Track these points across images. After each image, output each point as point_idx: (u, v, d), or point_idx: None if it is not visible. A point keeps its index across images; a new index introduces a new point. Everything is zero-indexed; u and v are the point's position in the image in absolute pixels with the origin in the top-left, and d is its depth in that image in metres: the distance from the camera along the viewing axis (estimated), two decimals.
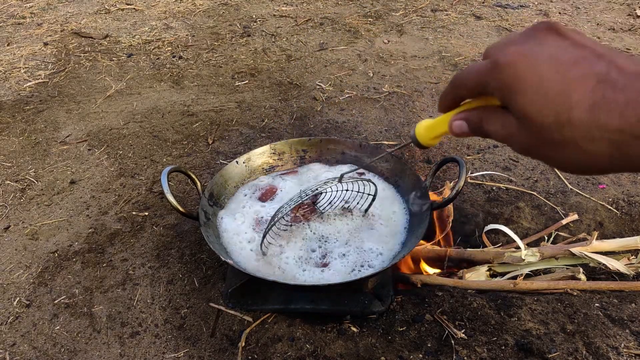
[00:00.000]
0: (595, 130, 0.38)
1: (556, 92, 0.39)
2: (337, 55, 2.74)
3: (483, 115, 0.47)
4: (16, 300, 1.41)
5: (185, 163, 1.93)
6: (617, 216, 1.60)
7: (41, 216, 1.71)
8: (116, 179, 1.86)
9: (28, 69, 2.75)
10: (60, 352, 1.27)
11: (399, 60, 2.66)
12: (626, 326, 1.19)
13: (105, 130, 2.17)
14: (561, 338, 1.16)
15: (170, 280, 1.43)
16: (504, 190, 1.71)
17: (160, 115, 2.26)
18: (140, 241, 1.57)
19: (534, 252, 1.37)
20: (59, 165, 1.97)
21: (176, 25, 3.23)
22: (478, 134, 0.49)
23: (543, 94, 0.40)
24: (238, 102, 2.34)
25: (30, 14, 3.46)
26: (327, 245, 1.28)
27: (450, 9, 3.28)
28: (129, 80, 2.59)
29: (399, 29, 3.03)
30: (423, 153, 1.92)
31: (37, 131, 2.19)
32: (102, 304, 1.38)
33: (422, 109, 2.21)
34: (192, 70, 2.66)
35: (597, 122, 0.38)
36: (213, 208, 1.38)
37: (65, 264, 1.52)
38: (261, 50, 2.84)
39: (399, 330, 1.21)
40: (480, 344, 1.16)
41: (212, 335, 1.27)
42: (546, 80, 0.40)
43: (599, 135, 0.38)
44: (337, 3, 3.45)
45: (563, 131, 0.40)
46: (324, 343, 1.18)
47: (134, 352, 1.25)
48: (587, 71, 0.39)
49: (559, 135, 0.40)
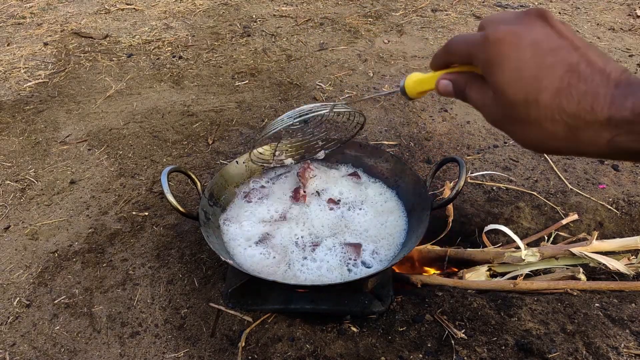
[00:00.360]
0: (556, 112, 0.43)
1: (530, 75, 0.43)
2: (337, 55, 2.74)
3: (468, 81, 0.52)
4: (16, 300, 1.41)
5: (185, 163, 1.93)
6: (617, 216, 1.60)
7: (41, 216, 1.71)
8: (116, 179, 1.86)
9: (28, 69, 2.74)
10: (60, 352, 1.27)
11: (399, 60, 2.66)
12: (626, 326, 1.19)
13: (105, 130, 2.17)
14: (561, 338, 1.16)
15: (170, 280, 1.43)
16: (504, 190, 1.71)
17: (160, 116, 2.26)
18: (140, 241, 1.57)
19: (534, 252, 1.37)
20: (59, 165, 1.97)
21: (176, 25, 3.23)
22: (459, 96, 0.54)
23: (518, 75, 0.44)
24: (238, 102, 2.34)
25: (30, 14, 3.46)
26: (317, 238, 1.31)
27: (450, 9, 3.28)
28: (129, 81, 2.59)
29: (399, 29, 3.03)
30: (423, 153, 1.92)
31: (37, 131, 2.19)
32: (102, 304, 1.38)
33: (422, 108, 2.21)
34: (192, 70, 2.67)
35: (559, 105, 0.42)
36: (213, 208, 1.38)
37: (65, 264, 1.52)
38: (261, 50, 2.84)
39: (399, 330, 1.21)
40: (480, 344, 1.16)
41: (212, 335, 1.27)
42: (524, 63, 0.44)
43: (559, 118, 0.43)
44: (337, 3, 3.45)
45: (529, 110, 0.44)
46: (324, 343, 1.18)
47: (134, 352, 1.25)
48: (561, 60, 0.43)
49: (525, 113, 0.45)
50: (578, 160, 1.84)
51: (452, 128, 2.07)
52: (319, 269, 1.23)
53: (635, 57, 2.60)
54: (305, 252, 1.27)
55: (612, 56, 2.62)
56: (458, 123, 2.10)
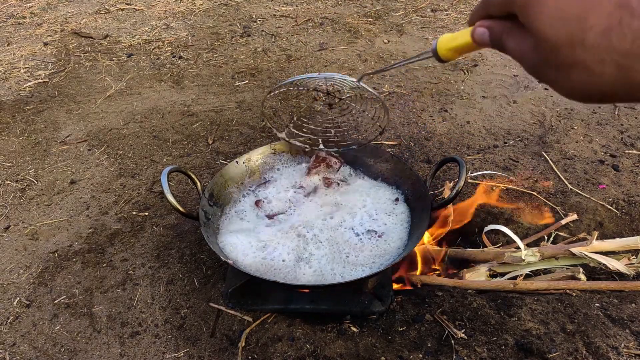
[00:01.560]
0: (605, 52, 0.40)
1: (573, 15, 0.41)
2: (337, 55, 2.74)
3: (504, 28, 0.49)
4: (16, 300, 1.41)
5: (185, 163, 1.93)
6: (617, 216, 1.60)
7: (41, 216, 1.71)
8: (116, 179, 1.86)
9: (28, 69, 2.75)
10: (60, 352, 1.27)
11: (399, 60, 2.66)
12: (626, 326, 1.19)
13: (105, 130, 2.17)
14: (561, 338, 1.16)
15: (170, 280, 1.43)
16: (504, 190, 1.71)
17: (160, 115, 2.26)
18: (140, 241, 1.57)
19: (534, 252, 1.37)
20: (59, 165, 1.97)
21: (176, 25, 3.23)
22: (496, 46, 0.51)
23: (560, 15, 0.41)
24: (238, 102, 2.34)
25: (30, 14, 3.46)
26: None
27: (450, 8, 3.28)
28: (129, 80, 2.59)
29: (399, 29, 3.03)
30: (423, 153, 1.92)
31: (37, 131, 2.19)
32: (102, 304, 1.38)
33: (422, 108, 2.21)
34: (192, 70, 2.67)
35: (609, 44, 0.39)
36: (213, 208, 1.38)
37: (65, 264, 1.52)
38: (261, 50, 2.84)
39: (399, 330, 1.21)
40: (480, 343, 1.16)
41: (212, 335, 1.27)
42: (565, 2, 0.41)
43: (609, 58, 0.40)
44: (337, 3, 3.45)
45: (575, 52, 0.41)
46: (324, 343, 1.18)
47: (134, 352, 1.25)
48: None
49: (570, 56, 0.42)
50: (578, 160, 1.84)
51: (452, 128, 2.07)
52: (319, 268, 1.23)
53: None
54: (305, 252, 1.27)
55: None
56: (458, 123, 2.10)
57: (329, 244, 1.29)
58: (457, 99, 2.27)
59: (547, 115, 2.13)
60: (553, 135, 1.99)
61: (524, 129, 2.05)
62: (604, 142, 1.94)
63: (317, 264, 1.24)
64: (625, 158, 1.85)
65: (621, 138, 1.97)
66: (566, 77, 0.44)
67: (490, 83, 2.40)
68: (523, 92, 2.32)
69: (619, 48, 0.39)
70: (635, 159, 1.85)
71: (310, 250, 1.27)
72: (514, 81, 2.40)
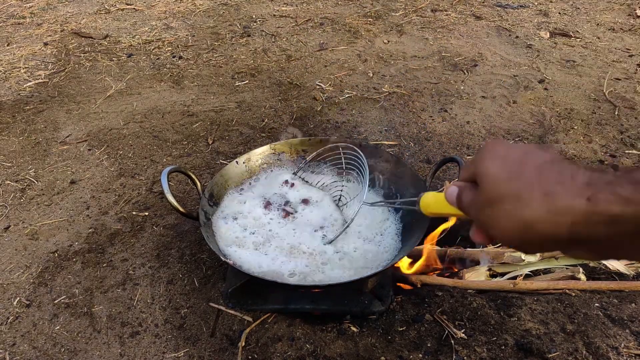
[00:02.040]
0: (536, 184, 0.47)
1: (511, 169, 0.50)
2: (337, 55, 2.74)
3: (467, 187, 0.57)
4: (16, 300, 1.41)
5: (185, 163, 1.93)
6: None
7: (41, 216, 1.71)
8: (116, 179, 1.86)
9: (28, 69, 2.75)
10: (60, 352, 1.27)
11: (399, 60, 2.66)
12: (626, 326, 1.19)
13: (105, 130, 2.17)
14: (561, 338, 1.16)
15: (170, 280, 1.43)
16: None
17: (160, 116, 2.26)
18: (140, 241, 1.57)
19: None
20: (59, 165, 1.97)
21: (176, 25, 3.23)
22: (458, 204, 0.59)
23: (502, 167, 0.51)
24: (238, 102, 2.34)
25: (30, 14, 3.46)
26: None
27: (450, 9, 3.28)
28: (129, 81, 2.59)
29: (399, 29, 3.03)
30: (423, 153, 1.92)
31: (37, 131, 2.19)
32: (102, 304, 1.38)
33: (422, 108, 2.21)
34: (192, 70, 2.67)
35: (539, 179, 0.48)
36: (213, 208, 1.38)
37: (65, 264, 1.52)
38: (261, 50, 2.84)
39: (399, 330, 1.21)
40: (480, 343, 1.16)
41: (212, 335, 1.27)
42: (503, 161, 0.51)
43: (537, 192, 0.47)
44: (337, 3, 3.46)
45: (510, 185, 0.49)
46: (324, 343, 1.19)
47: (134, 352, 1.25)
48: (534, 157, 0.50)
49: (506, 189, 0.50)
50: (578, 160, 1.84)
51: (452, 128, 2.07)
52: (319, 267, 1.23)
53: (635, 57, 2.61)
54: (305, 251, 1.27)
55: (612, 56, 2.62)
56: (458, 123, 2.10)
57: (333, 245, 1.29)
58: (457, 99, 2.28)
59: (547, 115, 2.13)
60: (553, 135, 1.99)
61: (524, 129, 2.05)
62: (604, 142, 1.95)
63: (316, 262, 1.24)
64: (625, 158, 1.85)
65: (621, 138, 1.97)
66: (502, 212, 0.50)
67: (490, 83, 2.40)
68: (523, 92, 2.32)
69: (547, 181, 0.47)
70: (635, 159, 1.85)
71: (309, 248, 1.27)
72: (514, 81, 2.41)
